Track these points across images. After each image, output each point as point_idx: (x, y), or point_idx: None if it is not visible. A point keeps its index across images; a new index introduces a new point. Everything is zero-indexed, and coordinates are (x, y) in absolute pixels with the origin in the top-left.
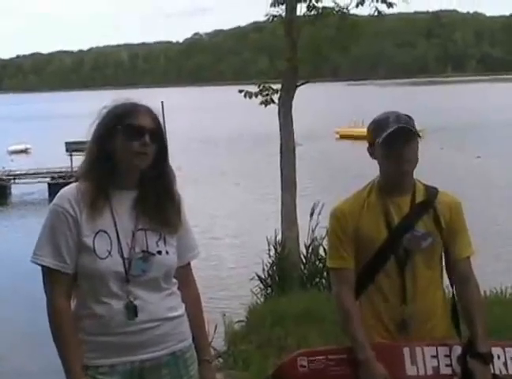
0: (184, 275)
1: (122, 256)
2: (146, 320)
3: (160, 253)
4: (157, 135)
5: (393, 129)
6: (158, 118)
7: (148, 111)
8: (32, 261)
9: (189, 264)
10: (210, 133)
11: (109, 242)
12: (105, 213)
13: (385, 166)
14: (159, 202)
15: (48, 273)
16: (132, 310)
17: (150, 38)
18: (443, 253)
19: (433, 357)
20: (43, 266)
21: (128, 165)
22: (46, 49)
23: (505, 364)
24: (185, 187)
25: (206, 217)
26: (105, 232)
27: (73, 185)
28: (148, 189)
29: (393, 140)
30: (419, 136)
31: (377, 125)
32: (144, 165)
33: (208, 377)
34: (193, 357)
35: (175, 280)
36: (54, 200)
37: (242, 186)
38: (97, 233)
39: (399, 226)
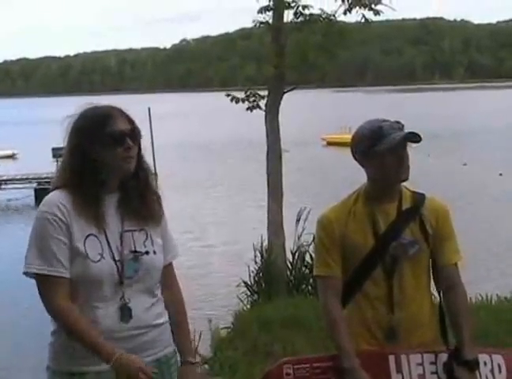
0: (167, 275)
1: (113, 258)
2: (136, 327)
3: (147, 253)
4: (136, 135)
5: (403, 135)
6: (131, 116)
7: (123, 113)
8: (26, 272)
9: (171, 264)
10: (197, 139)
11: (100, 246)
12: (92, 218)
13: (381, 173)
14: (142, 198)
15: (45, 281)
16: (127, 313)
17: (137, 44)
18: (430, 260)
19: (418, 364)
20: (37, 274)
21: (117, 171)
22: (33, 54)
23: (491, 371)
24: (171, 193)
25: (193, 223)
26: (94, 236)
27: (56, 192)
28: (130, 188)
29: (397, 148)
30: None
31: (374, 133)
32: (132, 168)
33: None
34: (176, 363)
35: (158, 285)
36: (42, 207)
37: (229, 192)
38: (87, 237)
39: (386, 233)
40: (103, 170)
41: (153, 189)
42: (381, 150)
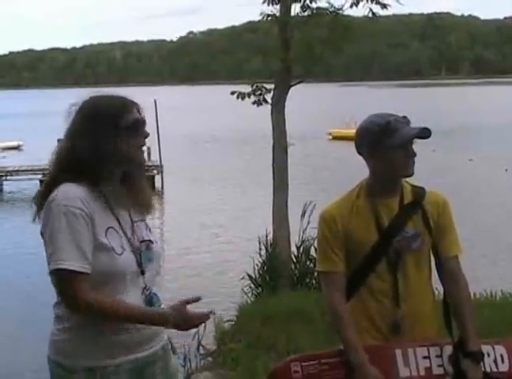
0: None
1: (132, 249)
2: None
3: (151, 242)
4: (144, 125)
5: (417, 131)
6: (138, 105)
7: (133, 102)
8: (54, 269)
9: None
10: (203, 131)
11: (119, 238)
12: (108, 210)
13: (388, 168)
14: (141, 187)
15: (72, 277)
16: (150, 302)
17: (144, 36)
18: (432, 253)
19: (425, 357)
20: (63, 270)
21: (133, 162)
22: (39, 46)
23: (495, 361)
24: (176, 185)
25: (199, 215)
26: (113, 228)
27: (70, 185)
28: (134, 180)
29: (408, 143)
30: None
31: (383, 127)
32: (144, 157)
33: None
34: (170, 351)
35: None
36: (63, 201)
37: (235, 185)
38: (107, 230)
39: (389, 227)
40: (116, 160)
41: (147, 181)
42: (391, 145)
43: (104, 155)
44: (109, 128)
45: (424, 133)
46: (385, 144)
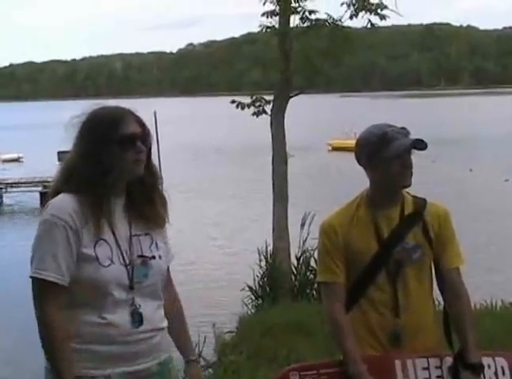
0: (166, 277)
1: (124, 263)
2: (146, 330)
3: (154, 257)
4: (146, 138)
5: (410, 142)
6: (140, 118)
7: (133, 114)
8: (33, 276)
9: (168, 267)
10: (203, 143)
11: (109, 250)
12: (102, 222)
13: (386, 179)
14: (149, 202)
15: (44, 286)
16: (138, 318)
17: (144, 48)
18: (433, 264)
19: (424, 369)
20: (39, 279)
21: (126, 175)
22: (39, 58)
23: (495, 374)
24: (176, 197)
25: (198, 226)
26: (104, 240)
27: (64, 196)
28: (137, 192)
29: (404, 154)
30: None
31: (380, 138)
32: (141, 171)
33: (195, 375)
34: (175, 368)
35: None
36: (51, 211)
37: (235, 197)
38: (97, 242)
39: (389, 238)
40: (112, 173)
41: (160, 193)
42: (387, 156)
43: (99, 168)
44: (103, 140)
45: (419, 144)
46: (382, 155)
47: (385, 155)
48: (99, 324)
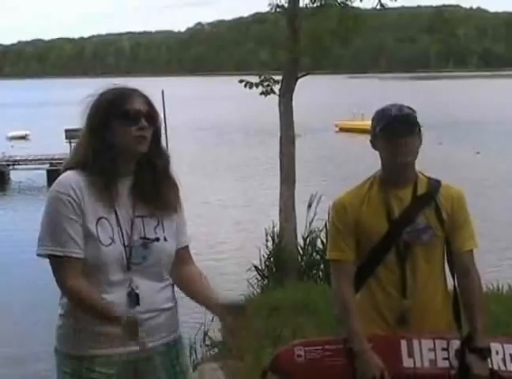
0: (185, 255)
1: (123, 243)
2: (145, 311)
3: (158, 239)
4: (152, 117)
5: (390, 118)
6: (150, 99)
7: (141, 94)
8: (40, 254)
9: (187, 246)
10: (211, 122)
11: (111, 229)
12: (105, 201)
13: (383, 156)
14: (156, 186)
15: (58, 262)
16: (134, 299)
17: (152, 27)
18: (445, 246)
19: (430, 350)
20: (51, 256)
21: (128, 151)
22: (47, 36)
23: (503, 360)
24: (183, 176)
25: (205, 207)
26: (106, 219)
27: (69, 172)
28: (145, 174)
29: (391, 130)
30: (419, 129)
31: (378, 115)
32: (144, 149)
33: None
34: (183, 349)
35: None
36: (55, 187)
37: (242, 177)
38: (99, 220)
39: (399, 218)
40: (116, 148)
41: (171, 179)
42: (377, 132)
43: (104, 143)
44: (107, 116)
45: (395, 120)
46: (375, 132)
47: (377, 132)
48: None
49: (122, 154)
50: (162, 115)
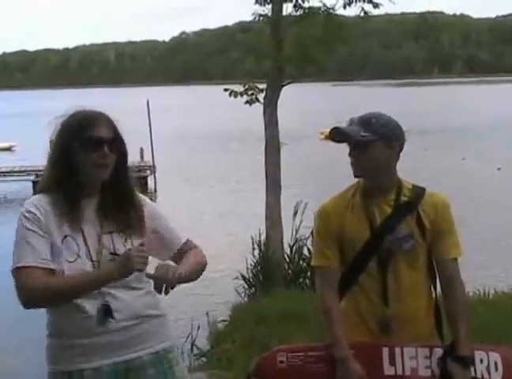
0: (189, 247)
1: (90, 259)
2: (124, 319)
3: None
4: (116, 144)
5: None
6: (115, 125)
7: (106, 120)
8: (12, 270)
9: (186, 241)
10: (196, 131)
11: (76, 246)
12: (71, 221)
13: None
14: (119, 207)
15: (20, 272)
16: (106, 312)
17: (137, 37)
18: (431, 255)
19: (412, 358)
20: (20, 268)
21: (90, 177)
22: (32, 47)
23: (487, 368)
24: (169, 186)
25: (191, 216)
26: (71, 237)
27: (38, 196)
28: (108, 195)
29: (336, 141)
30: (382, 138)
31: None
32: (105, 176)
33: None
34: (177, 358)
35: (146, 279)
36: (22, 209)
37: (228, 185)
38: (64, 238)
39: (381, 227)
40: (78, 174)
41: (132, 201)
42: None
43: (65, 169)
44: (70, 141)
45: (333, 132)
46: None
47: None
48: (74, 318)
49: (85, 179)
50: (148, 125)
